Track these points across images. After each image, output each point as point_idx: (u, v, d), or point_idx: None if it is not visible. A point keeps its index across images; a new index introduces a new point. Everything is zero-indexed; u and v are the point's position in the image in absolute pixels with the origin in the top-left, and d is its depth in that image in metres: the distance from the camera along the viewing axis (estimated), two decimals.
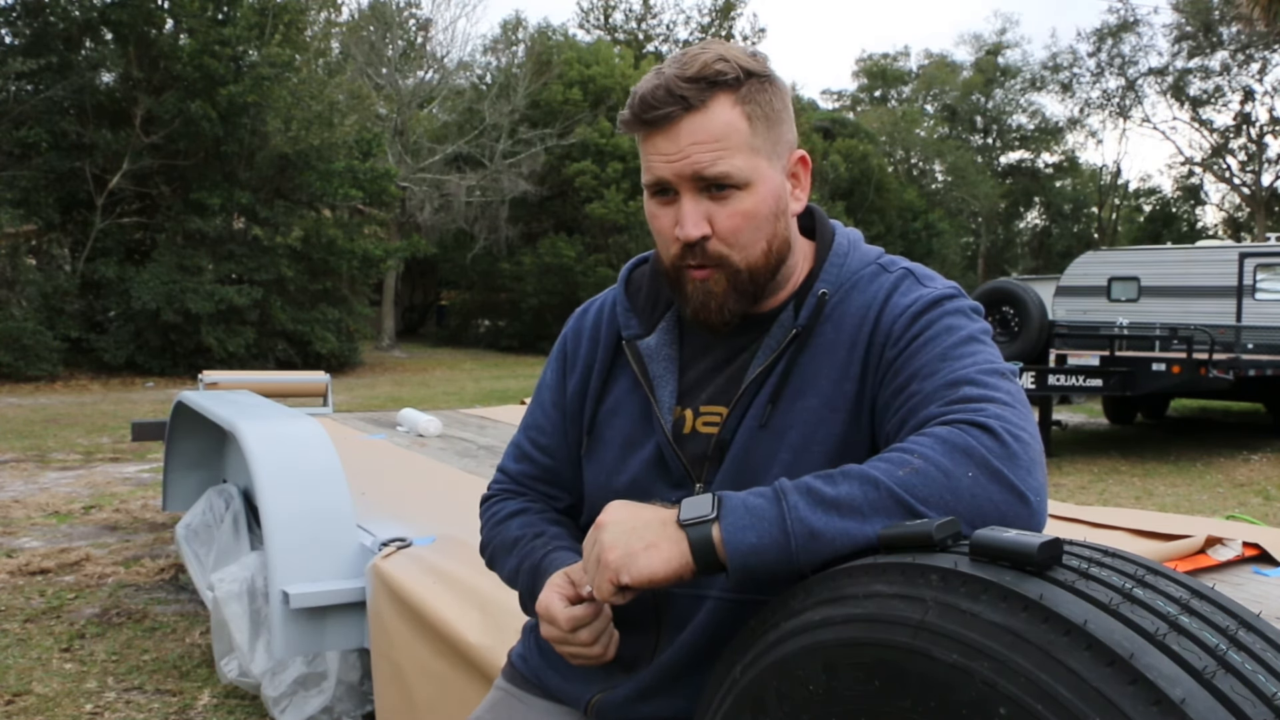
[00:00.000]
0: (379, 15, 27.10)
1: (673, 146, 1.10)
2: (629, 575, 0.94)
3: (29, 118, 16.82)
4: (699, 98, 1.09)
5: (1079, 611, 0.71)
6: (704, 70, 1.09)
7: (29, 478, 7.38)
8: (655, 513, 0.98)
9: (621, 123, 1.15)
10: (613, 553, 0.95)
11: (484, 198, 26.98)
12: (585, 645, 1.09)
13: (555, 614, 1.08)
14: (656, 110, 1.09)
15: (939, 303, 1.12)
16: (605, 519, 0.99)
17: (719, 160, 1.09)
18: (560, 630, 1.08)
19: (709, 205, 1.11)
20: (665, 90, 1.09)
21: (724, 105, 1.10)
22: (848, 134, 36.43)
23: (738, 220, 1.11)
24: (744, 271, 1.13)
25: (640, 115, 1.11)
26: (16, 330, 15.55)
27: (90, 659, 3.49)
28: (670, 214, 1.13)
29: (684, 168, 1.09)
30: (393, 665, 2.37)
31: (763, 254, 1.14)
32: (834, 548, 0.90)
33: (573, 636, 1.08)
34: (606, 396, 1.27)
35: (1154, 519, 2.62)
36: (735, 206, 1.11)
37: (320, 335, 19.36)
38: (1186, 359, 9.05)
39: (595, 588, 0.98)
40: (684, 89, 1.08)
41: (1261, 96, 35.97)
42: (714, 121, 1.09)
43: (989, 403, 0.98)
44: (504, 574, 1.30)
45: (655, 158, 1.11)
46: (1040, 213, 46.95)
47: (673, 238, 1.13)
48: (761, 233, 1.13)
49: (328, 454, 2.87)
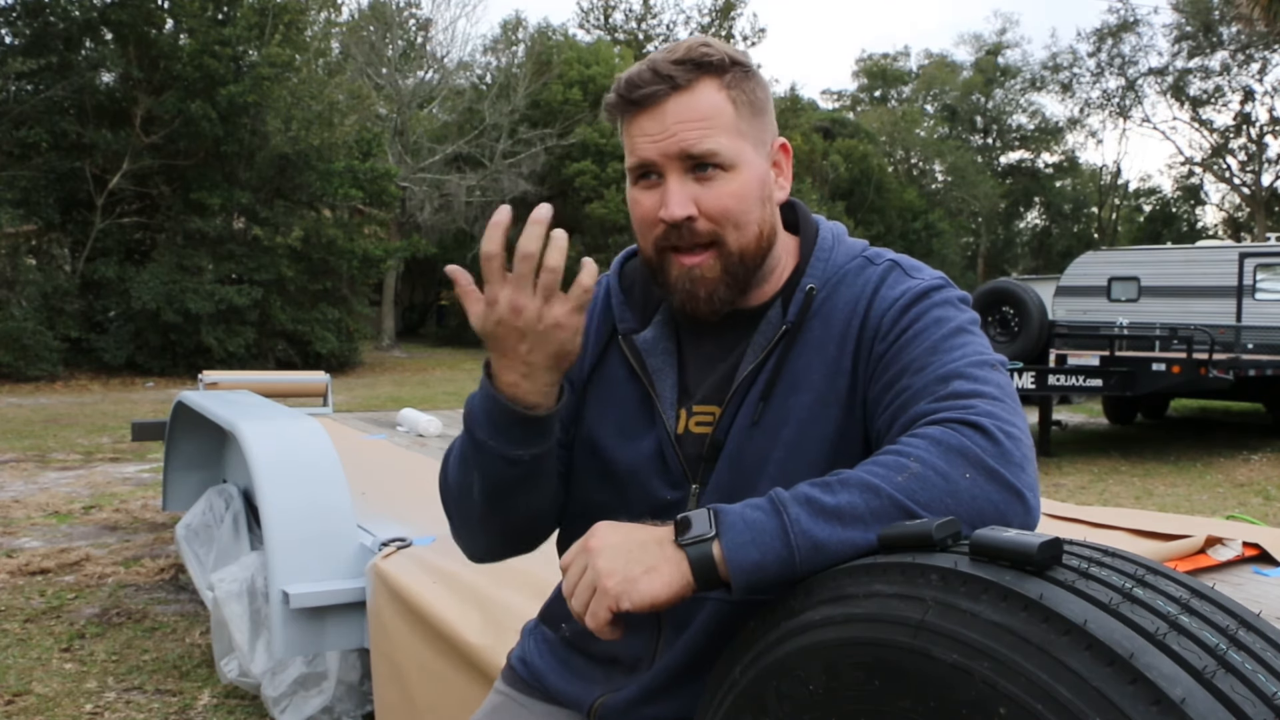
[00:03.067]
0: (379, 15, 27.12)
1: (658, 126, 1.09)
2: (630, 601, 0.91)
3: (29, 118, 16.83)
4: (685, 78, 1.09)
5: (1079, 611, 0.71)
6: (690, 53, 1.10)
7: (29, 478, 7.38)
8: (649, 533, 0.95)
9: (607, 107, 1.14)
10: (610, 579, 0.91)
11: (484, 198, 26.98)
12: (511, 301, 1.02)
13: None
14: (642, 89, 1.09)
15: (926, 294, 1.11)
16: (595, 544, 0.95)
17: (705, 138, 1.08)
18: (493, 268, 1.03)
19: (695, 187, 1.10)
20: (652, 71, 1.09)
21: (710, 88, 1.10)
22: (848, 134, 36.48)
23: (726, 201, 1.10)
24: (736, 254, 1.12)
25: (627, 95, 1.10)
26: (16, 330, 15.57)
27: (90, 659, 3.49)
28: (653, 197, 1.11)
29: (670, 146, 1.08)
30: (393, 665, 2.37)
31: (755, 237, 1.13)
32: (838, 558, 0.89)
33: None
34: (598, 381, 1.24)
35: (1154, 519, 2.62)
36: (722, 188, 1.10)
37: (320, 335, 19.37)
38: (1186, 359, 9.05)
39: (591, 616, 0.93)
40: (671, 69, 1.09)
41: (1261, 96, 36.02)
42: (700, 101, 1.09)
43: (979, 398, 0.98)
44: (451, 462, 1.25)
45: (640, 139, 1.10)
46: (1040, 213, 46.96)
47: (655, 220, 1.11)
48: (751, 215, 1.13)
49: (328, 454, 2.87)
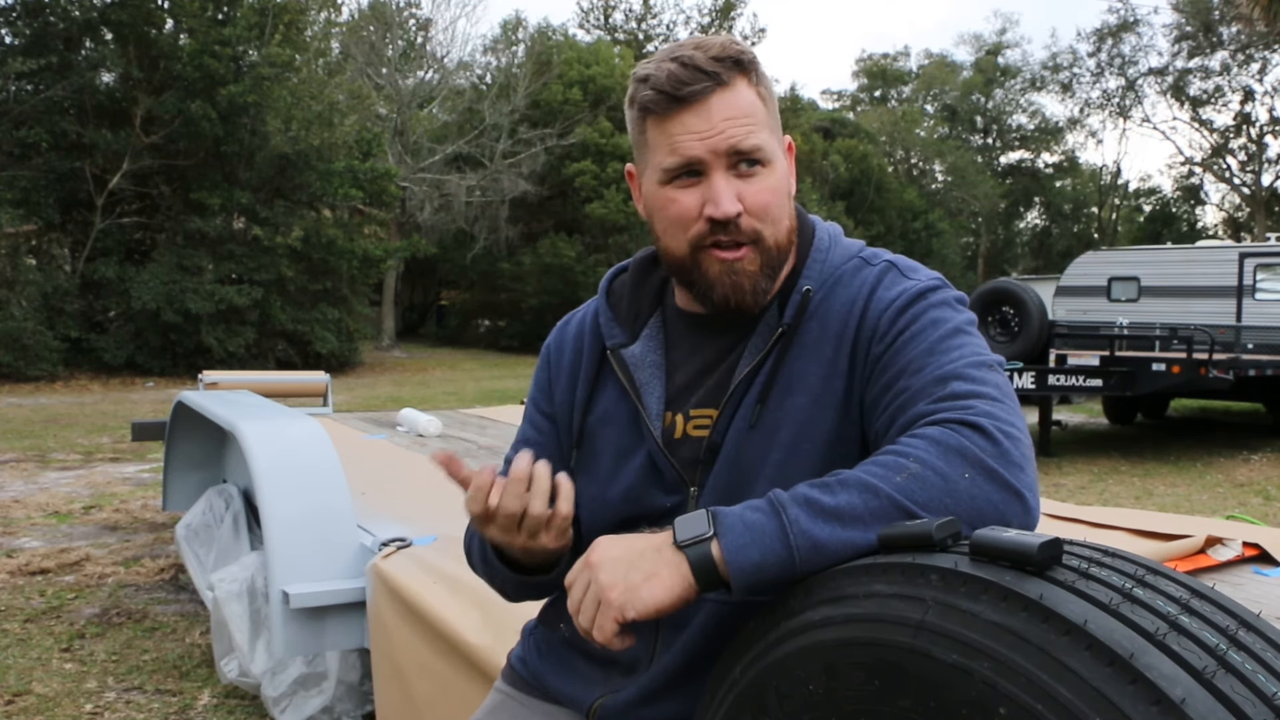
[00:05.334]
0: (379, 15, 27.12)
1: (705, 123, 1.09)
2: (634, 610, 0.91)
3: (29, 118, 16.84)
4: (727, 75, 1.10)
5: (1079, 611, 0.71)
6: (726, 50, 1.10)
7: (29, 478, 7.39)
8: (647, 540, 0.96)
9: (647, 104, 1.11)
10: (613, 591, 0.92)
11: (484, 198, 26.99)
12: (506, 509, 1.05)
13: (479, 480, 1.06)
14: (690, 86, 1.08)
15: (923, 295, 1.11)
16: (596, 558, 0.96)
17: (751, 134, 1.09)
18: (478, 494, 1.05)
19: (738, 183, 1.10)
20: (694, 68, 1.09)
21: (744, 85, 1.11)
22: (848, 134, 36.49)
23: (766, 196, 1.11)
24: (774, 248, 1.14)
25: (674, 92, 1.09)
26: (16, 330, 15.57)
27: (90, 659, 3.49)
28: (694, 195, 1.11)
29: (719, 143, 1.09)
30: (393, 665, 2.37)
31: (787, 232, 1.15)
32: (838, 558, 0.89)
33: (487, 498, 1.05)
34: (594, 407, 1.25)
35: (1154, 519, 2.62)
36: (763, 183, 1.11)
37: (320, 335, 19.38)
38: (1186, 359, 9.04)
39: (598, 630, 0.94)
40: (714, 66, 1.09)
41: (1261, 96, 36.02)
42: (741, 99, 1.10)
43: (978, 399, 0.98)
44: (475, 560, 1.28)
45: (685, 137, 1.10)
46: (1040, 213, 46.98)
47: (697, 216, 1.11)
48: (784, 209, 1.15)
49: (328, 454, 2.87)
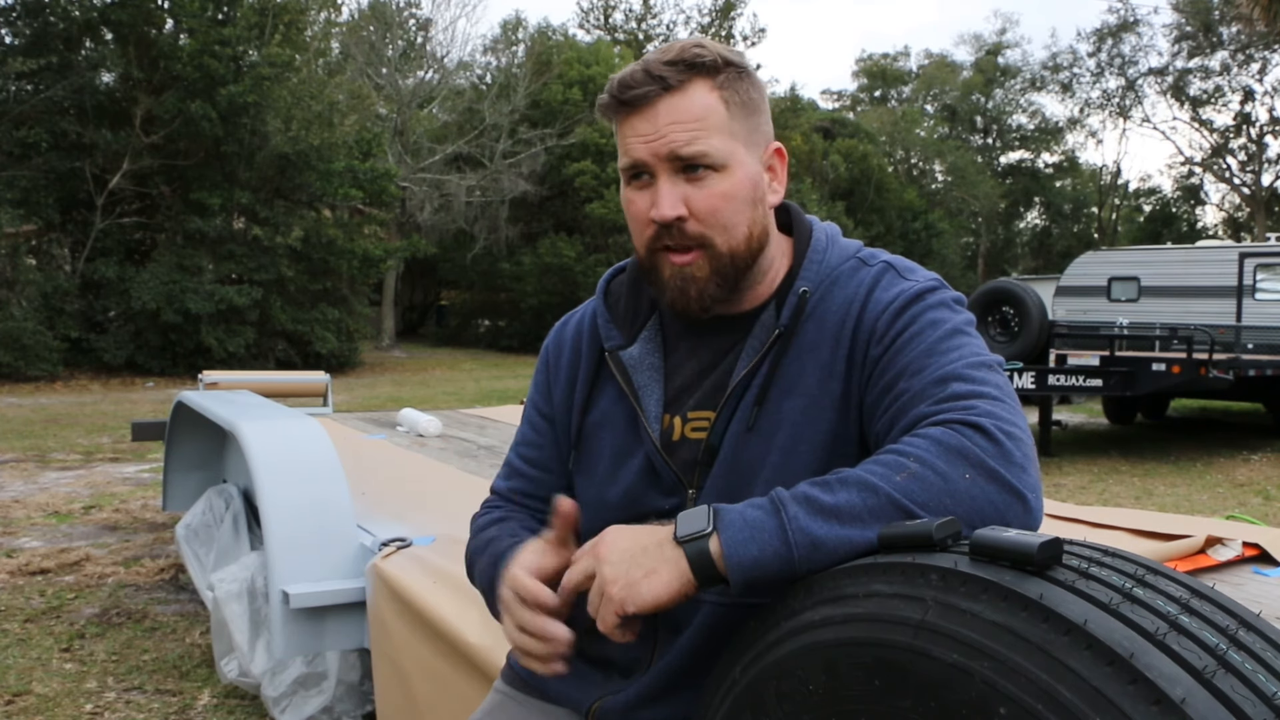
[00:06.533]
0: (379, 15, 27.12)
1: (650, 127, 1.09)
2: (634, 605, 0.92)
3: (29, 118, 16.83)
4: (677, 79, 1.09)
5: (1079, 611, 0.71)
6: (682, 54, 1.10)
7: (29, 478, 7.38)
8: (651, 534, 0.96)
9: (600, 107, 1.14)
10: (614, 586, 0.93)
11: (484, 198, 26.98)
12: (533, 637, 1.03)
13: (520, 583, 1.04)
14: (634, 90, 1.09)
15: (921, 296, 1.11)
16: (603, 550, 0.96)
17: (696, 139, 1.09)
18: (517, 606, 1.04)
19: (685, 188, 1.10)
20: (643, 71, 1.10)
21: (702, 89, 1.10)
22: (848, 134, 36.44)
23: (715, 201, 1.11)
24: (726, 255, 1.12)
25: (618, 96, 1.11)
26: (16, 330, 15.56)
27: (90, 659, 3.49)
28: (646, 197, 1.12)
29: (660, 147, 1.09)
30: (393, 665, 2.37)
31: (744, 239, 1.13)
32: (837, 556, 0.89)
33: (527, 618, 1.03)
34: (592, 409, 1.25)
35: (1154, 519, 2.61)
36: (712, 188, 1.10)
37: (320, 335, 19.38)
38: (1186, 359, 9.04)
39: (601, 621, 0.95)
40: (662, 70, 1.09)
41: (1261, 96, 36.03)
42: (692, 103, 1.09)
43: (979, 399, 0.98)
44: (476, 577, 1.26)
45: (632, 140, 1.11)
46: (1040, 213, 46.97)
47: (647, 220, 1.12)
48: (741, 216, 1.13)
49: (327, 454, 2.87)
